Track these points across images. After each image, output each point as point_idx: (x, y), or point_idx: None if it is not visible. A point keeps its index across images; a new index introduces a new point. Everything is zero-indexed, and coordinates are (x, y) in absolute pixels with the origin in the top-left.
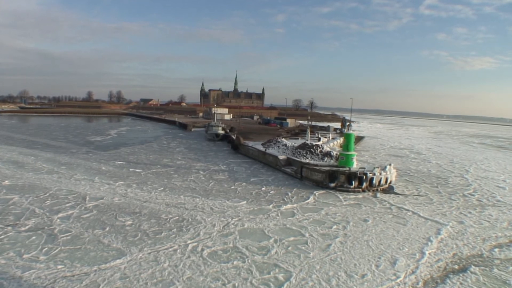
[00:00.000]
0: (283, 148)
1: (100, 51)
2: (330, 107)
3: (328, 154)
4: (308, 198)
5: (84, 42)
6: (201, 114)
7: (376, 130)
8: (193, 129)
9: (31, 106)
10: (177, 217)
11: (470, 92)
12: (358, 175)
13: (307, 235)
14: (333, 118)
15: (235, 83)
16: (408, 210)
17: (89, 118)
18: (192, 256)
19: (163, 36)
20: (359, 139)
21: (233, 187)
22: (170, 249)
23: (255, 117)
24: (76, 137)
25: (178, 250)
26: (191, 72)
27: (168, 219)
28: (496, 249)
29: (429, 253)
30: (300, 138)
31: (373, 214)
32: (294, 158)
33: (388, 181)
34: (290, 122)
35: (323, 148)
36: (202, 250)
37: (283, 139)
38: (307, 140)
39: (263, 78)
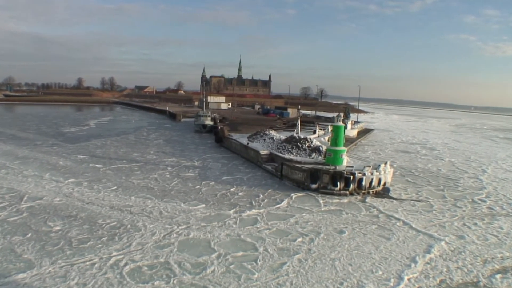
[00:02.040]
0: (269, 141)
1: (96, 35)
2: (344, 96)
3: (316, 150)
4: (282, 202)
5: (79, 25)
6: (196, 103)
7: (390, 122)
8: (182, 120)
9: (17, 94)
10: (115, 223)
11: (502, 81)
12: (344, 175)
13: (261, 249)
14: (345, 108)
15: (239, 69)
16: (398, 219)
17: (78, 107)
18: (109, 273)
19: (164, 18)
20: (366, 132)
21: (198, 187)
22: (88, 263)
23: (256, 107)
24: (50, 128)
25: (97, 265)
26: (193, 57)
27: (103, 225)
28: (498, 276)
29: (408, 279)
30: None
31: (353, 224)
32: (277, 153)
33: (382, 183)
34: (292, 112)
35: (311, 142)
36: (125, 265)
37: (271, 131)
38: (297, 133)
39: (271, 64)
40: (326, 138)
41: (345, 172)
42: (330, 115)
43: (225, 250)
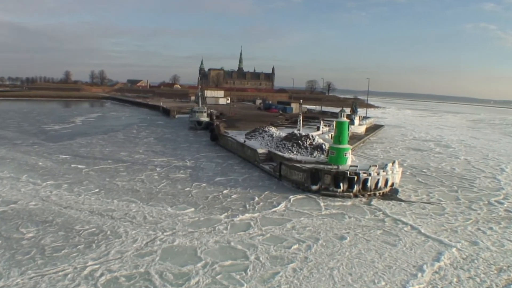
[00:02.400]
0: (268, 139)
1: (88, 25)
2: (353, 90)
3: (319, 148)
4: (279, 205)
5: (70, 15)
6: (193, 98)
7: (402, 118)
8: (177, 116)
9: None
10: (94, 229)
11: None
12: (348, 175)
13: (252, 257)
14: (353, 103)
15: (240, 61)
16: (406, 223)
17: (65, 103)
18: (83, 284)
19: (160, 7)
20: (376, 128)
21: (187, 189)
22: (60, 273)
23: (258, 102)
24: (32, 125)
25: (70, 275)
26: (190, 49)
27: (81, 232)
28: None
29: None
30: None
31: (356, 229)
32: (276, 152)
33: (389, 183)
34: (295, 107)
35: (314, 139)
36: (101, 276)
37: (271, 128)
38: (298, 130)
39: (274, 55)
40: (330, 135)
41: (348, 172)
42: (337, 110)
43: (212, 258)
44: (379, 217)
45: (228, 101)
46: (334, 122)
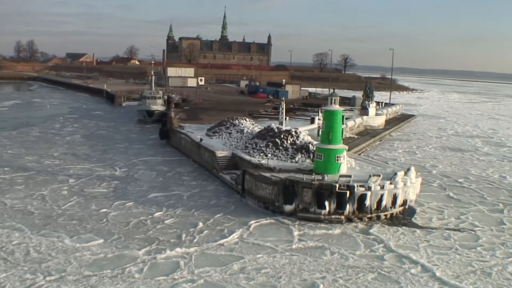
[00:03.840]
0: (237, 136)
1: None
2: (379, 67)
3: (304, 149)
4: (231, 234)
5: None
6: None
7: (445, 104)
8: (124, 103)
9: None
10: None
11: None
12: (337, 190)
13: None
14: (381, 84)
15: (223, 27)
16: (416, 262)
17: None
18: None
19: None
20: (402, 119)
21: (104, 210)
22: None
23: (243, 83)
24: None
25: None
26: (157, 11)
27: None
28: None
29: None
30: (293, 118)
31: (337, 272)
32: (242, 155)
33: (400, 201)
34: (292, 91)
35: (298, 136)
36: None
37: (244, 120)
38: (281, 124)
39: (273, 19)
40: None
41: (337, 186)
42: (354, 94)
43: None
44: (376, 253)
45: (202, 82)
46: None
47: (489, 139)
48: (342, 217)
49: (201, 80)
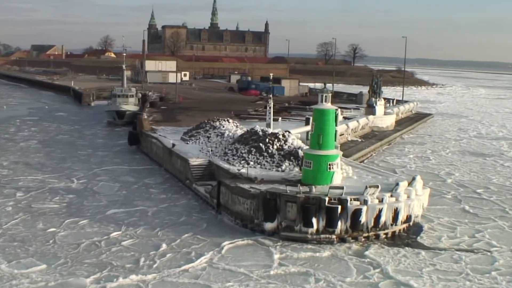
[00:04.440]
0: (217, 140)
1: None
2: (394, 58)
3: (292, 155)
4: (199, 257)
5: None
6: (128, 73)
7: (470, 101)
8: (94, 103)
9: None
10: None
11: None
12: (326, 204)
13: None
14: (395, 78)
15: (213, 13)
16: None
17: None
18: None
19: None
20: (418, 119)
21: (52, 229)
22: None
23: (234, 78)
24: None
25: None
26: None
27: None
28: None
29: None
30: (287, 118)
31: None
32: (220, 162)
33: (402, 217)
34: (289, 87)
35: (286, 140)
36: None
37: (226, 122)
38: (268, 126)
39: (271, 4)
40: (349, 129)
41: (326, 199)
42: (361, 89)
43: None
44: (371, 279)
45: (186, 78)
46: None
47: None
48: (333, 236)
49: (185, 75)
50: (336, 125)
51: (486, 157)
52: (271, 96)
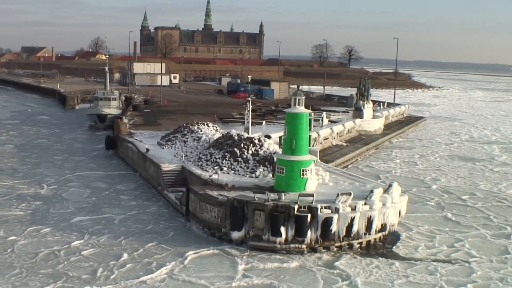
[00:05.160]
0: (193, 145)
1: None
2: (392, 60)
3: (267, 161)
4: (160, 268)
5: None
6: (117, 75)
7: (465, 104)
8: (78, 106)
9: None
10: None
11: None
12: (295, 212)
13: None
14: (391, 81)
15: (207, 15)
16: None
17: None
18: None
19: None
20: (409, 122)
21: (13, 237)
22: None
23: (225, 80)
24: None
25: None
26: None
27: None
28: None
29: None
30: (271, 122)
31: None
32: (192, 168)
33: (377, 226)
34: (279, 90)
35: (262, 145)
36: None
37: (207, 126)
38: (246, 130)
39: (266, 5)
40: (331, 132)
41: (295, 207)
42: (354, 92)
43: None
44: None
45: (176, 81)
46: (343, 113)
47: (510, 145)
48: (303, 246)
49: (175, 77)
50: (310, 130)
51: (475, 161)
52: (249, 99)
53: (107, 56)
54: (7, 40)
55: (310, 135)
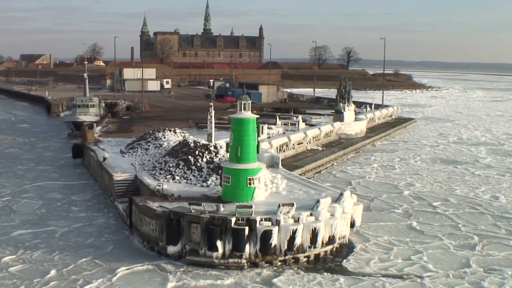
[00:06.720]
0: (154, 152)
1: None
2: (395, 61)
3: (220, 169)
4: (84, 286)
5: None
6: (108, 82)
7: (462, 104)
8: (63, 113)
9: None
10: None
11: None
12: (232, 225)
13: None
14: (390, 82)
15: (206, 19)
16: None
17: None
18: None
19: None
20: (396, 124)
21: None
22: None
23: (216, 84)
24: None
25: None
26: (134, 4)
27: None
28: None
29: None
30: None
31: None
32: (144, 177)
33: (323, 238)
34: (267, 93)
35: (217, 152)
36: None
37: (173, 132)
38: (209, 136)
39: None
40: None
41: (233, 220)
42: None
43: None
44: None
45: (168, 86)
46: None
47: (498, 147)
48: (243, 261)
49: (167, 82)
50: (258, 136)
51: (457, 164)
52: (211, 104)
53: (86, 62)
54: (9, 48)
55: (258, 142)
